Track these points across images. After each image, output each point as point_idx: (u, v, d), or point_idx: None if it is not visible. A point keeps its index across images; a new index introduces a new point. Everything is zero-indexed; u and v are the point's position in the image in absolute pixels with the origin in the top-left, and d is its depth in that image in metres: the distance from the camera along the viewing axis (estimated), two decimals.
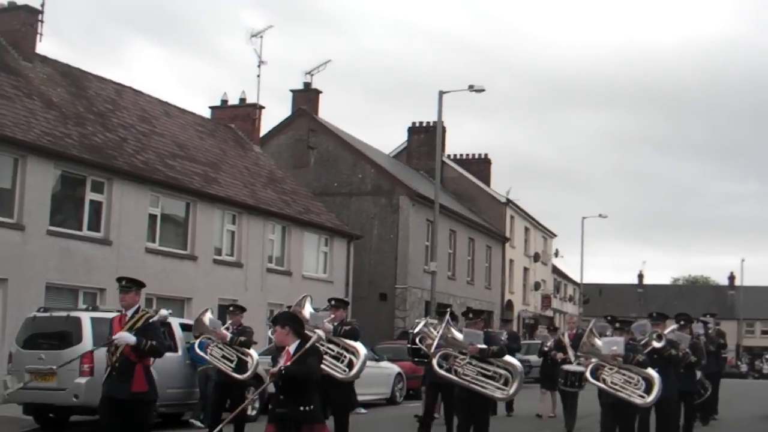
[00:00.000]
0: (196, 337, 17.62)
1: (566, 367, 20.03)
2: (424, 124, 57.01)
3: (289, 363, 9.55)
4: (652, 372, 13.15)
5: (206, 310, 17.74)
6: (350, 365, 14.77)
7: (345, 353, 14.76)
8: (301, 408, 9.55)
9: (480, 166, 63.77)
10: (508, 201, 60.98)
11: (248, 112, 41.82)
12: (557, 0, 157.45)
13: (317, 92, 47.63)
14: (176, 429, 19.61)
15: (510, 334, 24.97)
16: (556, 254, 74.64)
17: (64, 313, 19.26)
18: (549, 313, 70.15)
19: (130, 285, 11.97)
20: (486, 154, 64.74)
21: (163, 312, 11.83)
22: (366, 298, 42.54)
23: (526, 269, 66.27)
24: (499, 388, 13.59)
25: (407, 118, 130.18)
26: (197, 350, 17.52)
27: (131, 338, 11.31)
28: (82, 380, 17.71)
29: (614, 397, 13.11)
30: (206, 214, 31.82)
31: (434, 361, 14.14)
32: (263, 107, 42.51)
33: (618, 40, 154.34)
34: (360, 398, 22.65)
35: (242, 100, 42.09)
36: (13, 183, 24.79)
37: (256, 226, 34.44)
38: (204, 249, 31.55)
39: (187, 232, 31.23)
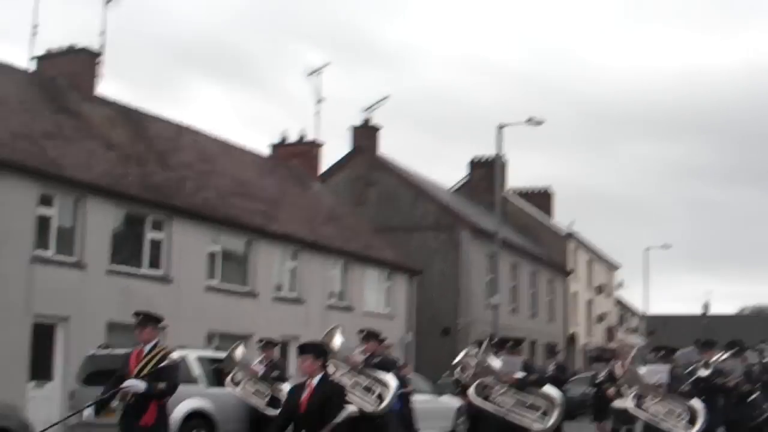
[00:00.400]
0: (227, 373, 17.41)
1: (617, 404, 19.03)
2: (485, 159, 56.66)
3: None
4: (696, 403, 12.43)
5: (238, 345, 17.48)
6: (380, 398, 13.91)
7: (375, 385, 13.97)
8: None
9: (541, 199, 63.47)
10: (570, 233, 60.43)
11: (308, 149, 41.83)
12: (617, 28, 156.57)
13: (376, 128, 47.50)
14: None
15: (557, 365, 24.13)
16: (620, 286, 73.78)
17: (123, 351, 19.15)
18: (613, 345, 69.15)
19: (145, 321, 11.35)
20: (547, 187, 64.38)
21: (174, 355, 11.06)
22: (428, 333, 42.18)
23: (589, 301, 65.47)
24: (537, 420, 13.11)
25: (469, 152, 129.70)
26: (227, 385, 17.22)
27: (141, 386, 10.74)
28: None
29: (656, 429, 12.45)
30: (266, 251, 31.68)
31: (470, 391, 13.67)
32: (322, 144, 42.66)
33: (679, 65, 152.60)
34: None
35: (302, 137, 42.12)
36: (74, 222, 24.84)
37: (317, 262, 34.24)
38: (264, 286, 31.38)
39: (248, 269, 31.11)
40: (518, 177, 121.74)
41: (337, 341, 14.13)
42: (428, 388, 27.35)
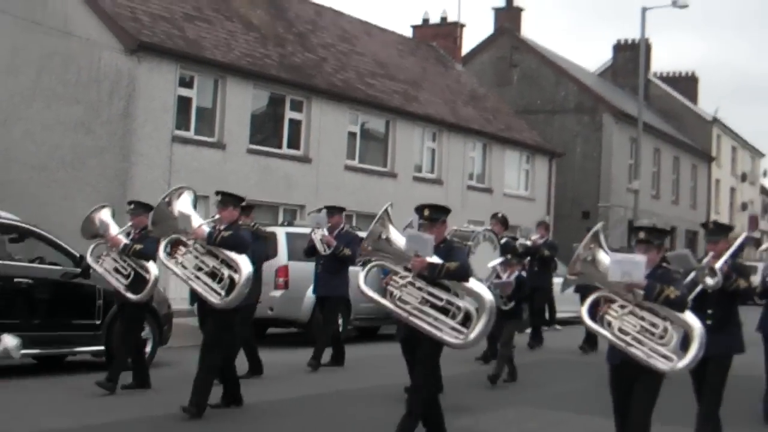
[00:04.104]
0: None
1: None
2: (630, 41, 54.68)
3: None
4: (690, 319, 7.45)
5: (102, 207, 12.63)
6: (230, 287, 10.29)
7: (223, 270, 10.35)
8: None
9: (686, 83, 60.96)
10: (715, 119, 58.21)
11: (450, 30, 40.67)
12: None
13: (520, 9, 46.06)
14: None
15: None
16: (765, 174, 71.15)
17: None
18: (756, 234, 66.90)
19: None
20: (693, 72, 61.85)
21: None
22: (568, 216, 41.20)
23: (732, 189, 63.23)
24: (453, 329, 8.50)
25: (613, 35, 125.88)
26: (88, 259, 12.41)
27: None
28: (277, 293, 17.34)
29: (624, 355, 7.53)
30: (406, 131, 30.87)
31: (360, 276, 9.03)
32: (464, 25, 41.45)
33: None
34: (559, 316, 21.75)
35: (443, 18, 41.01)
36: (213, 103, 24.51)
37: (457, 143, 33.29)
38: (404, 166, 30.64)
39: (387, 149, 30.41)
40: (665, 61, 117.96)
41: (181, 206, 10.66)
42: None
